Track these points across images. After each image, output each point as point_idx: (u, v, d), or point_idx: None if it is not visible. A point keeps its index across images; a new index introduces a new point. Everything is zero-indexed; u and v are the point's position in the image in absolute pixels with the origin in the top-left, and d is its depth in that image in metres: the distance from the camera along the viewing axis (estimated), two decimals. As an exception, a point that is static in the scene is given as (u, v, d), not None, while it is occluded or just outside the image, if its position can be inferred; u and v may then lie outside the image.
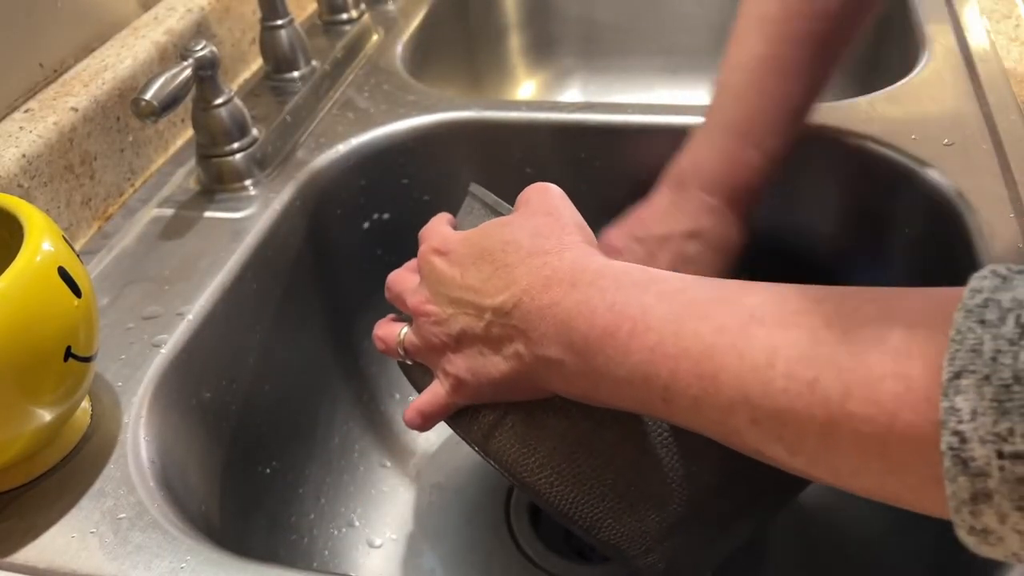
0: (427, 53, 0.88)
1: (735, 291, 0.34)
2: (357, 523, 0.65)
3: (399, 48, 0.82)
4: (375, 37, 0.84)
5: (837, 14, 0.55)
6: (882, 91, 0.68)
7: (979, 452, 0.25)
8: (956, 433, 0.25)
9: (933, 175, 0.59)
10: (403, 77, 0.78)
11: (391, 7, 0.89)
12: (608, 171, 0.71)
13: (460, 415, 0.45)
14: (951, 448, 0.25)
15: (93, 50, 0.66)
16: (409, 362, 0.47)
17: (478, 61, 1.02)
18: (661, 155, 0.70)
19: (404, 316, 0.48)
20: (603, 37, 1.03)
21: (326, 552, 0.63)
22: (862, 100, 0.67)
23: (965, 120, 0.63)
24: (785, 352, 0.30)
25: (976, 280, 0.27)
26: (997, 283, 0.27)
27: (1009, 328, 0.25)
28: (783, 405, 0.30)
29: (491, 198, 0.48)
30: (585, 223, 0.42)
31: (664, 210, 0.58)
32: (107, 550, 0.41)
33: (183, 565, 0.40)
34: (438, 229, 0.46)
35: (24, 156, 0.55)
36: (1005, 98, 0.64)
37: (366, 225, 0.71)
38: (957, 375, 0.25)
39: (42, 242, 0.40)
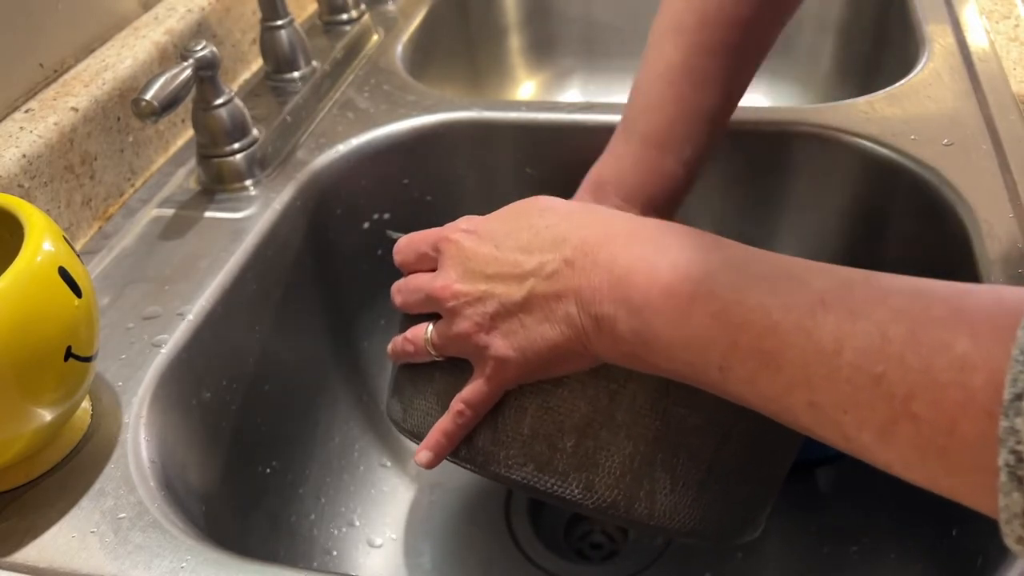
0: (427, 53, 0.88)
1: (802, 271, 0.33)
2: (357, 523, 0.65)
3: (399, 48, 0.82)
4: (375, 37, 0.84)
5: (751, 23, 0.55)
6: (882, 91, 0.68)
7: None
8: (1014, 452, 0.25)
9: (932, 175, 0.59)
10: (403, 77, 0.78)
11: (391, 7, 0.89)
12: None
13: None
14: (1007, 465, 0.26)
15: (93, 50, 0.66)
16: (439, 358, 0.44)
17: (478, 61, 1.02)
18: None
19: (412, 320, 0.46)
20: (603, 37, 1.03)
21: (326, 552, 0.63)
22: (862, 100, 0.67)
23: (964, 120, 0.63)
24: (853, 343, 0.30)
25: None
26: None
27: None
28: (846, 394, 0.30)
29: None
30: None
31: None
32: (107, 550, 0.41)
33: (183, 565, 0.40)
34: (454, 222, 0.45)
35: (24, 156, 0.55)
36: (1004, 98, 0.64)
37: (366, 225, 0.71)
38: (1019, 397, 0.26)
39: (42, 242, 0.40)
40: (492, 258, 0.40)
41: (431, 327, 0.44)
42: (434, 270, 0.44)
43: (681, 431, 0.42)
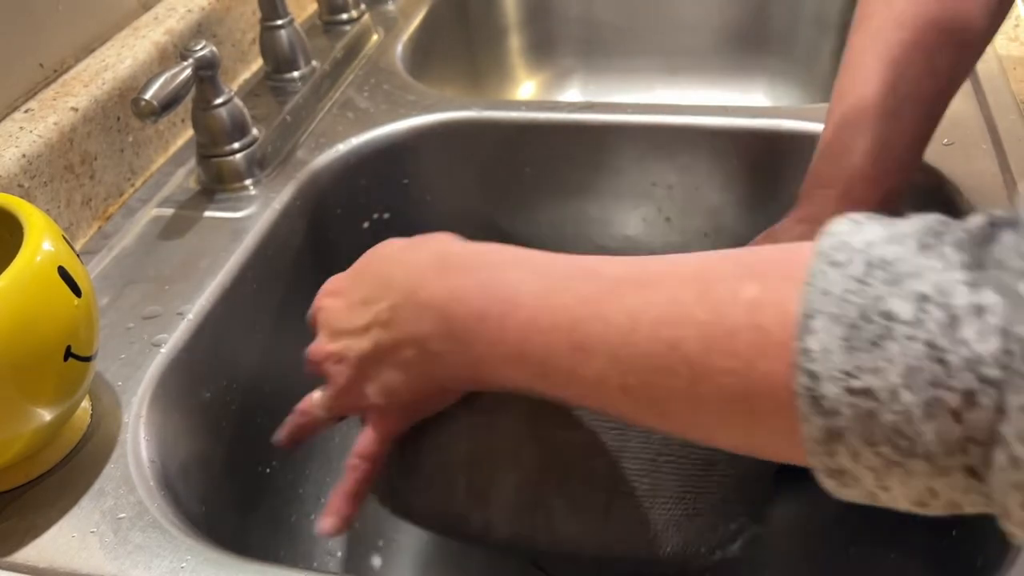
0: (427, 53, 0.88)
1: (602, 263, 0.34)
2: (357, 523, 0.65)
3: (399, 48, 0.82)
4: (375, 37, 0.84)
5: (979, 23, 0.49)
6: (882, 91, 0.67)
7: (830, 390, 0.25)
8: (809, 373, 0.25)
9: (932, 175, 0.59)
10: (403, 77, 0.78)
11: (391, 7, 0.89)
12: (608, 171, 0.71)
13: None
14: (805, 388, 0.25)
15: (93, 50, 0.66)
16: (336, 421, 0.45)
17: (478, 61, 1.02)
18: (660, 155, 0.70)
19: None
20: (603, 37, 1.03)
21: (326, 552, 0.63)
22: (862, 100, 0.67)
23: (964, 120, 0.63)
24: (646, 315, 0.31)
25: (832, 225, 0.28)
26: (851, 227, 0.27)
27: (857, 267, 0.26)
28: (649, 367, 0.30)
29: None
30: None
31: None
32: (107, 550, 0.41)
33: (183, 565, 0.40)
34: (334, 280, 0.45)
35: (24, 156, 0.55)
36: (1004, 98, 0.64)
37: (366, 225, 0.71)
38: (809, 316, 0.26)
39: (42, 242, 0.40)
40: (344, 314, 0.42)
41: (317, 392, 0.45)
42: None
43: (566, 453, 0.42)
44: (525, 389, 0.37)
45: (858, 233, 0.27)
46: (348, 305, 0.42)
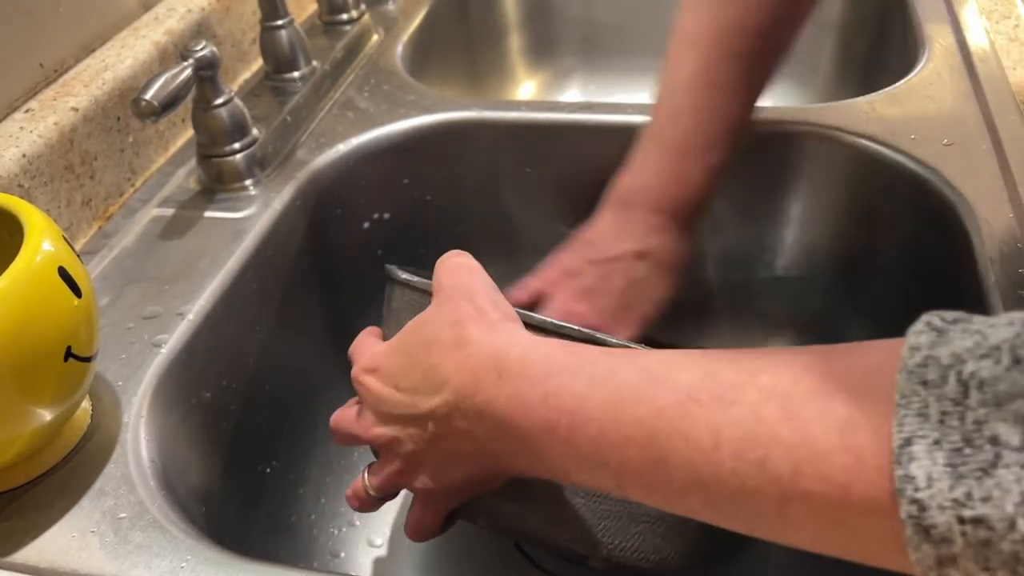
0: (427, 53, 0.88)
1: (664, 368, 0.33)
2: (357, 523, 0.65)
3: (399, 48, 0.82)
4: (375, 37, 0.84)
5: (767, 29, 0.55)
6: (882, 91, 0.68)
7: (940, 519, 0.24)
8: (914, 501, 0.25)
9: (932, 175, 0.59)
10: (403, 77, 0.78)
11: (391, 7, 0.89)
12: (608, 171, 0.71)
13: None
14: (911, 517, 0.25)
15: (93, 50, 0.66)
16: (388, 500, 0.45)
17: (478, 61, 1.02)
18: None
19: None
20: (603, 37, 1.03)
21: (326, 552, 0.63)
22: (862, 100, 0.67)
23: (964, 120, 0.63)
24: (729, 432, 0.30)
25: (913, 336, 0.27)
26: (934, 338, 0.27)
27: (951, 387, 0.25)
28: (735, 486, 0.29)
29: (410, 279, 0.46)
30: (501, 297, 0.41)
31: (611, 231, 0.59)
32: (107, 549, 0.41)
33: (183, 564, 0.40)
34: (365, 346, 0.45)
35: (24, 156, 0.55)
36: (1004, 98, 0.64)
37: (366, 225, 0.71)
38: (907, 442, 0.25)
39: (42, 242, 0.40)
40: (396, 400, 0.40)
41: (366, 475, 0.45)
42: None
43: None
44: (596, 490, 0.37)
45: (944, 345, 0.26)
46: (398, 390, 0.40)
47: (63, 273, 0.41)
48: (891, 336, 0.29)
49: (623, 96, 1.03)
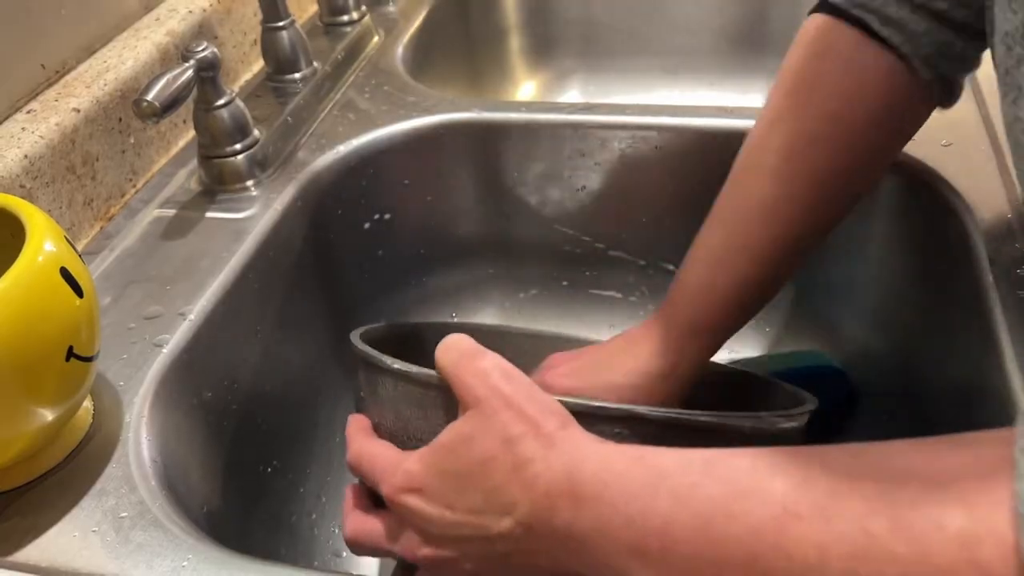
0: (427, 54, 0.88)
1: (753, 478, 0.31)
2: (358, 523, 0.65)
3: (400, 49, 0.83)
4: (376, 38, 0.84)
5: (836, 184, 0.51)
6: (881, 92, 0.68)
7: None
8: None
9: (932, 175, 0.59)
10: (404, 78, 0.78)
11: (392, 9, 0.90)
12: (607, 171, 0.71)
13: None
14: None
15: (95, 51, 0.66)
16: None
17: (478, 62, 1.02)
18: (660, 156, 0.70)
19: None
20: (603, 38, 1.03)
21: (327, 551, 0.63)
22: (861, 101, 0.67)
23: (963, 121, 0.63)
24: (837, 550, 0.28)
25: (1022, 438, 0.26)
26: None
27: None
28: None
29: (408, 369, 0.42)
30: (544, 395, 0.39)
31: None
32: (109, 549, 0.41)
33: (184, 564, 0.40)
34: (388, 459, 0.41)
35: (26, 157, 0.55)
36: (1004, 99, 0.64)
37: (367, 225, 0.72)
38: None
39: (44, 242, 0.41)
40: (452, 521, 0.38)
41: None
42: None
43: None
44: None
45: None
46: (452, 511, 0.38)
47: (65, 273, 0.41)
48: (891, 336, 0.29)
49: (623, 96, 1.03)
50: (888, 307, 0.66)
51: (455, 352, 0.40)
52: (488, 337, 0.44)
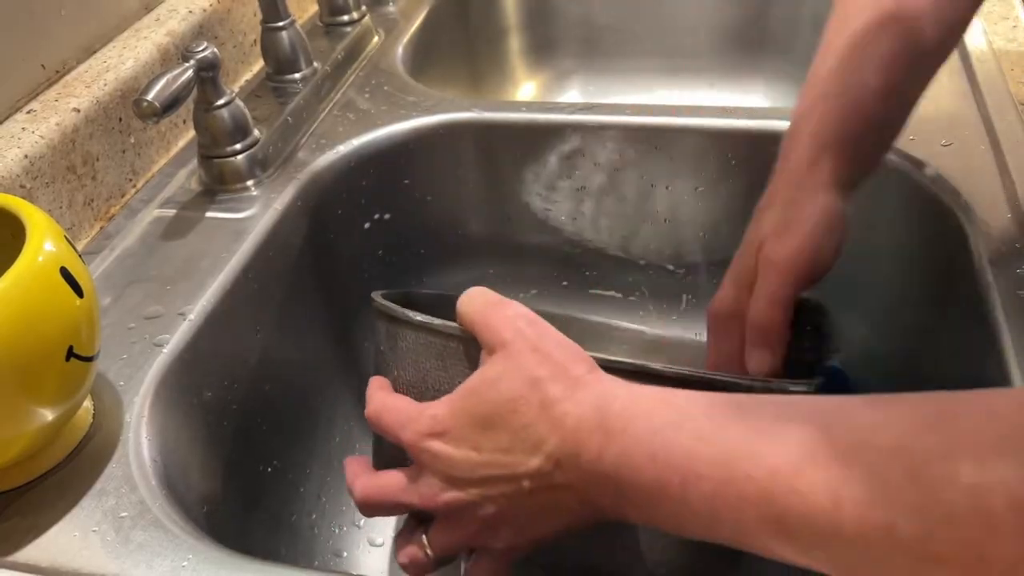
0: (428, 54, 0.88)
1: (778, 424, 0.32)
2: (358, 522, 0.65)
3: (400, 49, 0.83)
4: (376, 39, 0.84)
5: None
6: (881, 92, 0.68)
7: None
8: None
9: (931, 175, 0.59)
10: (404, 78, 0.78)
11: (392, 9, 0.90)
12: (607, 171, 0.71)
13: None
14: None
15: (95, 51, 0.66)
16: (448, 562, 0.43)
17: (478, 62, 1.02)
18: (660, 156, 0.70)
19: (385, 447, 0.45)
20: (603, 38, 1.03)
21: (327, 551, 0.63)
22: (861, 101, 0.67)
23: (963, 121, 0.63)
24: (851, 494, 0.28)
25: None
26: None
27: None
28: (861, 550, 0.28)
29: (429, 321, 0.43)
30: (565, 338, 0.39)
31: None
32: (109, 549, 0.41)
33: (184, 564, 0.40)
34: (410, 409, 0.41)
35: (26, 157, 0.55)
36: (1002, 99, 0.65)
37: (367, 225, 0.72)
38: None
39: (44, 242, 0.41)
40: (477, 463, 0.38)
41: (426, 540, 0.42)
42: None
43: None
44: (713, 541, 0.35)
45: None
46: (478, 452, 0.38)
47: (65, 273, 0.41)
48: (892, 336, 0.29)
49: (623, 97, 1.03)
50: (888, 307, 0.66)
51: (480, 300, 0.41)
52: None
